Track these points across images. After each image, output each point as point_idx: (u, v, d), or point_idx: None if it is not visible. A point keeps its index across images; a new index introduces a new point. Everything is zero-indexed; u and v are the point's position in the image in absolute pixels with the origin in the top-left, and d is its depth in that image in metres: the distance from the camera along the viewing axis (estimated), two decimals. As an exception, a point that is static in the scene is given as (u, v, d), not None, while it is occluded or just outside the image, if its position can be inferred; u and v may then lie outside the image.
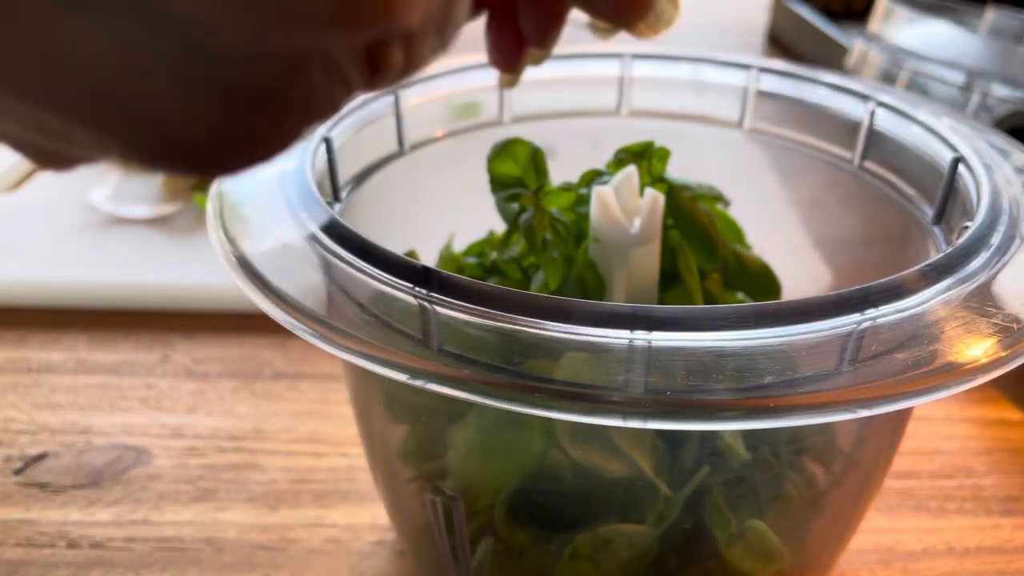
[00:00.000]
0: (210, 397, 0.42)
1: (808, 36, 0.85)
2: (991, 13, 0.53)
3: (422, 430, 0.28)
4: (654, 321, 0.20)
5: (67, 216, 0.55)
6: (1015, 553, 0.35)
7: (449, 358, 0.19)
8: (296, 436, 0.40)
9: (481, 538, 0.28)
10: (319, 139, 0.29)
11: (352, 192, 0.32)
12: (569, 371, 0.19)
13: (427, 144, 0.35)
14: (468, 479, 0.27)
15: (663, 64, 0.37)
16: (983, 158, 0.28)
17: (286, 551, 0.34)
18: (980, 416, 0.42)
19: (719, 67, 0.37)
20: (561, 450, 0.25)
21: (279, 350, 0.46)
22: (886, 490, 0.38)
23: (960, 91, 0.49)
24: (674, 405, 0.18)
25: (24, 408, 0.41)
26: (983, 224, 0.24)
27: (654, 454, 0.25)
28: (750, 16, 1.05)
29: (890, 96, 0.33)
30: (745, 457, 0.25)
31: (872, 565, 0.34)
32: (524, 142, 0.32)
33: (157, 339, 0.47)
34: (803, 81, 0.35)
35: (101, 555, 0.34)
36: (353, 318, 0.21)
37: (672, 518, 0.25)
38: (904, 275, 0.22)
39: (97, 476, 0.38)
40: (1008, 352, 0.20)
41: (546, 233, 0.31)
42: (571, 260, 0.31)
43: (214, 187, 0.27)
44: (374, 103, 0.33)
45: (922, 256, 0.30)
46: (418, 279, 0.21)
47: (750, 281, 0.34)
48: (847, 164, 0.34)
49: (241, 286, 0.23)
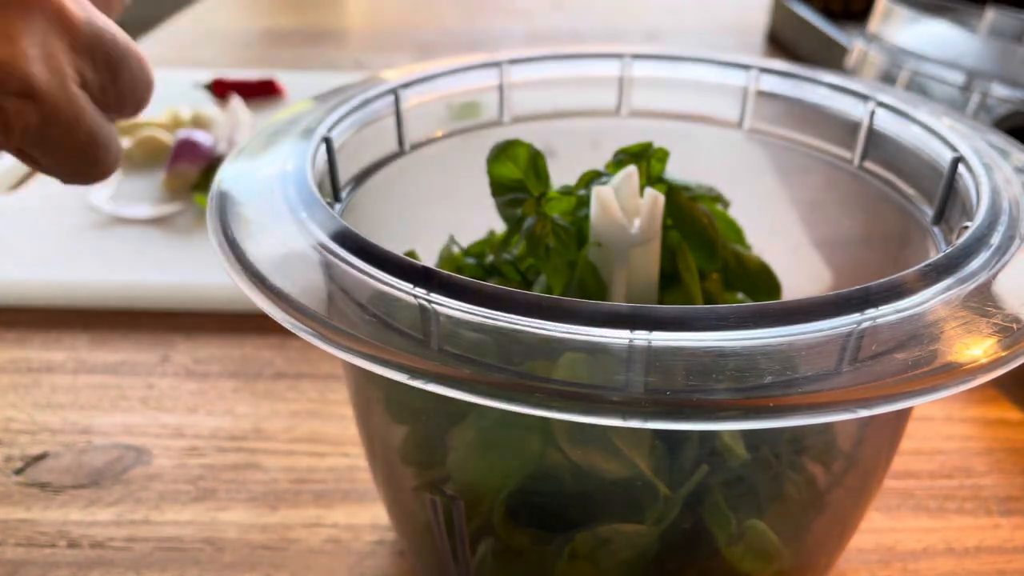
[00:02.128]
0: (210, 397, 0.42)
1: (808, 36, 0.85)
2: (991, 13, 0.53)
3: (422, 431, 0.28)
4: (654, 321, 0.20)
5: (67, 216, 0.55)
6: (1015, 553, 0.35)
7: (449, 358, 0.19)
8: (296, 436, 0.40)
9: (481, 538, 0.28)
10: (319, 139, 0.29)
11: (352, 192, 0.32)
12: (569, 371, 0.19)
13: (427, 144, 0.35)
14: (468, 480, 0.27)
15: (663, 64, 0.37)
16: (983, 158, 0.28)
17: (286, 551, 0.34)
18: (980, 416, 0.42)
19: (719, 67, 0.37)
20: (560, 451, 0.25)
21: (279, 350, 0.46)
22: (886, 490, 0.38)
23: (960, 91, 0.49)
24: (674, 405, 0.18)
25: (25, 408, 0.42)
26: (983, 224, 0.24)
27: (653, 454, 0.25)
28: (750, 16, 1.05)
29: (890, 96, 0.33)
30: (744, 457, 0.25)
31: (872, 565, 0.34)
32: (523, 144, 0.32)
33: (157, 339, 0.47)
34: (803, 81, 0.35)
35: (101, 555, 0.34)
36: (353, 318, 0.21)
37: (671, 518, 0.25)
38: (904, 275, 0.22)
39: (97, 476, 0.38)
40: (1008, 352, 0.20)
41: (549, 241, 0.31)
42: (573, 265, 0.31)
43: (214, 187, 0.27)
44: (374, 103, 0.33)
45: (922, 256, 0.30)
46: (418, 279, 0.21)
47: (750, 281, 0.34)
48: (847, 164, 0.34)
49: (241, 286, 0.23)
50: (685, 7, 1.11)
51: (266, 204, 0.26)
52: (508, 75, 0.36)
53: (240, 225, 0.25)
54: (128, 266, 0.50)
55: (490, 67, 0.36)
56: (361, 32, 1.03)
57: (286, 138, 0.29)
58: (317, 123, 0.30)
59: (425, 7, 1.13)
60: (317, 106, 0.32)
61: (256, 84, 0.74)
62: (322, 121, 0.30)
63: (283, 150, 0.29)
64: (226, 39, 0.96)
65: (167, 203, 0.57)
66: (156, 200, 0.58)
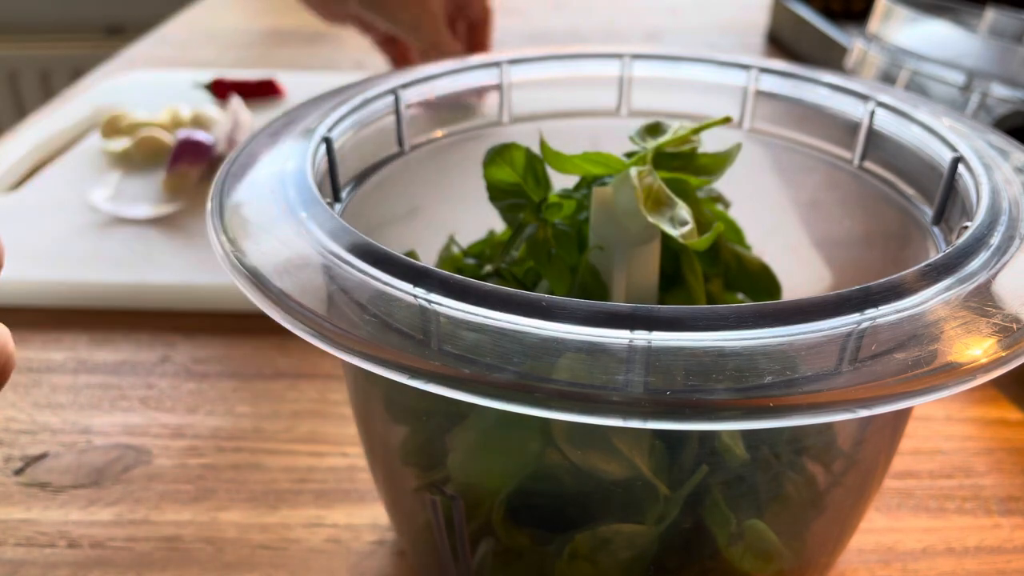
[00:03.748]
0: (210, 397, 0.42)
1: (808, 36, 0.85)
2: (991, 13, 0.53)
3: (422, 431, 0.28)
4: (654, 321, 0.20)
5: (67, 216, 0.55)
6: (1015, 553, 0.35)
7: (449, 358, 0.19)
8: (296, 436, 0.40)
9: (481, 538, 0.28)
10: (319, 139, 0.29)
11: (352, 192, 0.32)
12: (569, 371, 0.19)
13: (427, 144, 0.35)
14: (468, 481, 0.27)
15: (663, 64, 0.37)
16: (983, 158, 0.28)
17: (286, 551, 0.34)
18: (980, 416, 0.42)
19: (719, 67, 0.37)
20: (560, 452, 0.25)
21: (279, 350, 0.46)
22: (886, 490, 0.38)
23: (960, 91, 0.49)
24: (674, 405, 0.18)
25: (25, 408, 0.42)
26: (983, 224, 0.24)
27: (653, 454, 0.25)
28: (750, 16, 1.05)
29: (890, 96, 0.33)
30: (743, 457, 0.25)
31: (872, 565, 0.34)
32: (519, 147, 0.32)
33: (157, 339, 0.47)
34: (803, 81, 0.35)
35: (101, 555, 0.34)
36: (353, 318, 0.21)
37: (672, 518, 0.25)
38: (904, 275, 0.22)
39: (97, 476, 0.38)
40: (1008, 352, 0.20)
41: (551, 248, 0.31)
42: (575, 269, 0.31)
43: (214, 187, 0.27)
44: (374, 103, 0.33)
45: (922, 256, 0.30)
46: (418, 279, 0.21)
47: (750, 282, 0.34)
48: (847, 164, 0.34)
49: (241, 286, 0.23)
50: (685, 7, 1.11)
51: (266, 204, 0.26)
52: (508, 75, 0.36)
53: (240, 225, 0.25)
54: (128, 266, 0.50)
55: (490, 67, 0.36)
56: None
57: (286, 138, 0.29)
58: (317, 123, 0.30)
59: (425, 7, 1.13)
60: (317, 106, 0.32)
61: (256, 84, 0.74)
62: (322, 121, 0.30)
63: (283, 150, 0.29)
64: (226, 39, 0.96)
65: (167, 203, 0.57)
66: (156, 200, 0.58)
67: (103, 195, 0.57)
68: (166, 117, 0.66)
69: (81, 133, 0.68)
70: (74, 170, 0.62)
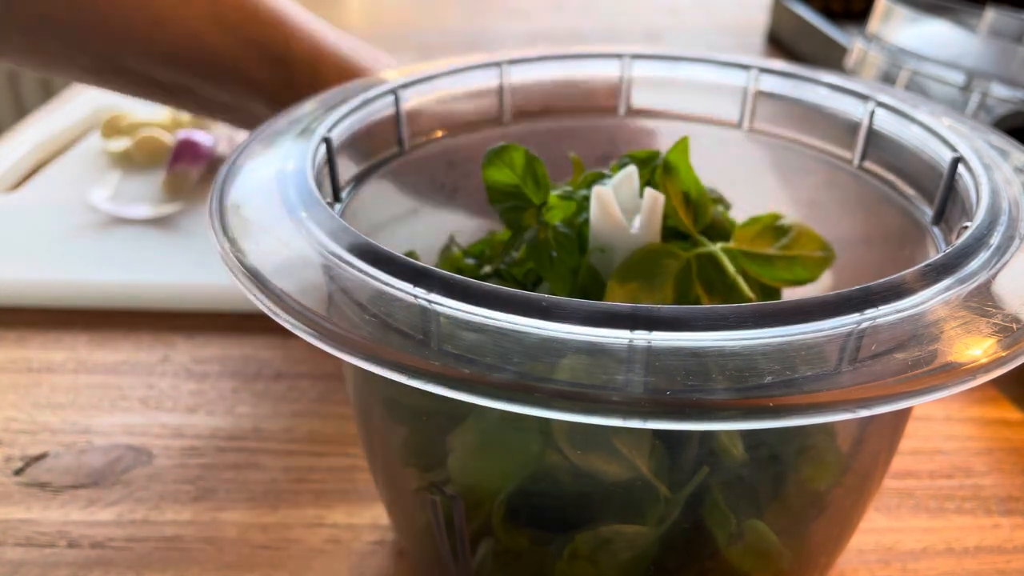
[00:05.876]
0: (210, 397, 0.42)
1: (808, 36, 0.85)
2: (991, 13, 0.53)
3: (422, 432, 0.28)
4: (654, 321, 0.20)
5: (67, 216, 0.55)
6: (1014, 553, 0.35)
7: (449, 358, 0.19)
8: (296, 436, 0.40)
9: (482, 538, 0.28)
10: (319, 139, 0.29)
11: (352, 192, 0.32)
12: (569, 371, 0.19)
13: (427, 144, 0.35)
14: (468, 481, 0.27)
15: (663, 64, 0.37)
16: (983, 158, 0.28)
17: (286, 551, 0.34)
18: (980, 416, 0.42)
19: (719, 67, 0.37)
20: (560, 452, 0.25)
21: (279, 350, 0.46)
22: (886, 490, 0.38)
23: (960, 91, 0.49)
24: (674, 405, 0.18)
25: (24, 408, 0.42)
26: (983, 224, 0.24)
27: (653, 455, 0.25)
28: (750, 16, 1.05)
29: (890, 96, 0.33)
30: (742, 457, 0.25)
31: (872, 565, 0.34)
32: (518, 148, 0.32)
33: (157, 339, 0.47)
34: (803, 81, 0.35)
35: (101, 555, 0.34)
36: (353, 318, 0.21)
37: (672, 518, 0.25)
38: (904, 275, 0.22)
39: (97, 476, 0.38)
40: (1008, 352, 0.20)
41: (552, 251, 0.31)
42: (575, 271, 0.31)
43: (214, 187, 0.27)
44: (374, 103, 0.33)
45: (922, 256, 0.30)
46: (418, 279, 0.21)
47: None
48: (847, 164, 0.34)
49: (241, 286, 0.23)
50: (685, 7, 1.11)
51: (266, 204, 0.26)
52: (508, 75, 0.36)
53: (240, 225, 0.25)
54: (128, 266, 0.50)
55: (490, 67, 0.36)
56: (361, 32, 1.03)
57: (286, 138, 0.29)
58: (317, 123, 0.30)
59: (426, 7, 1.13)
60: (317, 106, 0.32)
61: (256, 84, 0.74)
62: (322, 121, 0.30)
63: (283, 150, 0.29)
64: (226, 39, 0.96)
65: (167, 203, 0.57)
66: (156, 200, 0.58)
67: (103, 195, 0.57)
68: (166, 117, 0.66)
69: (81, 133, 0.68)
70: (74, 170, 0.62)
